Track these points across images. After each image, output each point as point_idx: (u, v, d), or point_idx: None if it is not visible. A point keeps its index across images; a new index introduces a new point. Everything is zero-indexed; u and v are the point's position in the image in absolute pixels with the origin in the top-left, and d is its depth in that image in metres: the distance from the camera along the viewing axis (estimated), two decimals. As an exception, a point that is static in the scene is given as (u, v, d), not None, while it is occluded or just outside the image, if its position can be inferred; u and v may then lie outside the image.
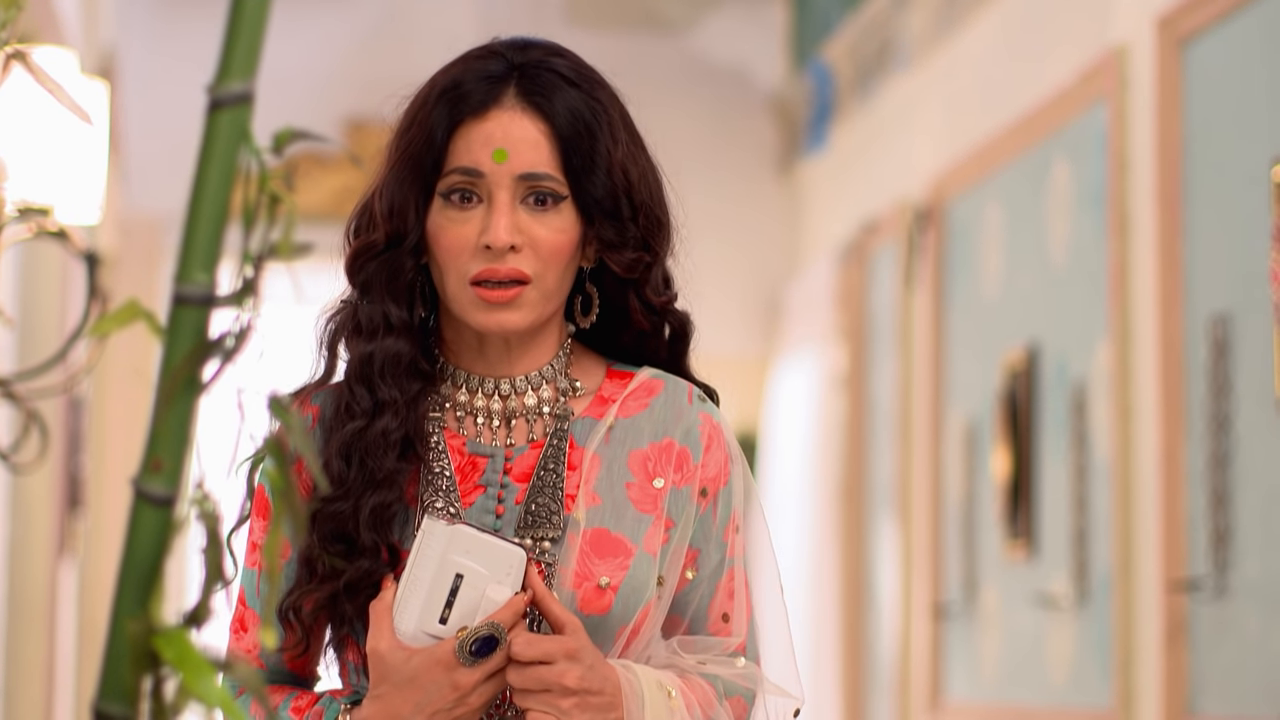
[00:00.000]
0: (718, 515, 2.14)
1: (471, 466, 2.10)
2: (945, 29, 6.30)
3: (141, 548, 1.13)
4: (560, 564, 2.05)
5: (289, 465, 1.14)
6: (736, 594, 2.15)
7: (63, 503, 5.52)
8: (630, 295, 2.14)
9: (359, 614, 2.03)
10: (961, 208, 6.08)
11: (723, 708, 2.10)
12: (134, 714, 1.12)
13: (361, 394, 2.08)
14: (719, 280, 8.17)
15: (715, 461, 2.14)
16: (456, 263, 2.06)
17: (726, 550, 2.14)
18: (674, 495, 2.11)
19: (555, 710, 1.98)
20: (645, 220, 2.12)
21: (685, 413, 2.14)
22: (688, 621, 2.14)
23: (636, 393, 2.14)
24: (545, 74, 2.09)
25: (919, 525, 6.32)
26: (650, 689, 2.03)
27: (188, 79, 4.25)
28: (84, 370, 3.91)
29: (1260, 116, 4.07)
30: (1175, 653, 4.33)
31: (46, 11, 4.40)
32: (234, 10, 1.14)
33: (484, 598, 1.99)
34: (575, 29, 7.94)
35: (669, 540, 2.09)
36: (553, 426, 2.11)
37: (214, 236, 1.14)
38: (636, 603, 2.06)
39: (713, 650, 2.13)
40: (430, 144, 2.07)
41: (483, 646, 1.98)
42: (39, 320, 4.91)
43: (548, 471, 2.08)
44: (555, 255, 2.06)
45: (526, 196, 2.06)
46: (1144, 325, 4.58)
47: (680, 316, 2.20)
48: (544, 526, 2.06)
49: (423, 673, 1.98)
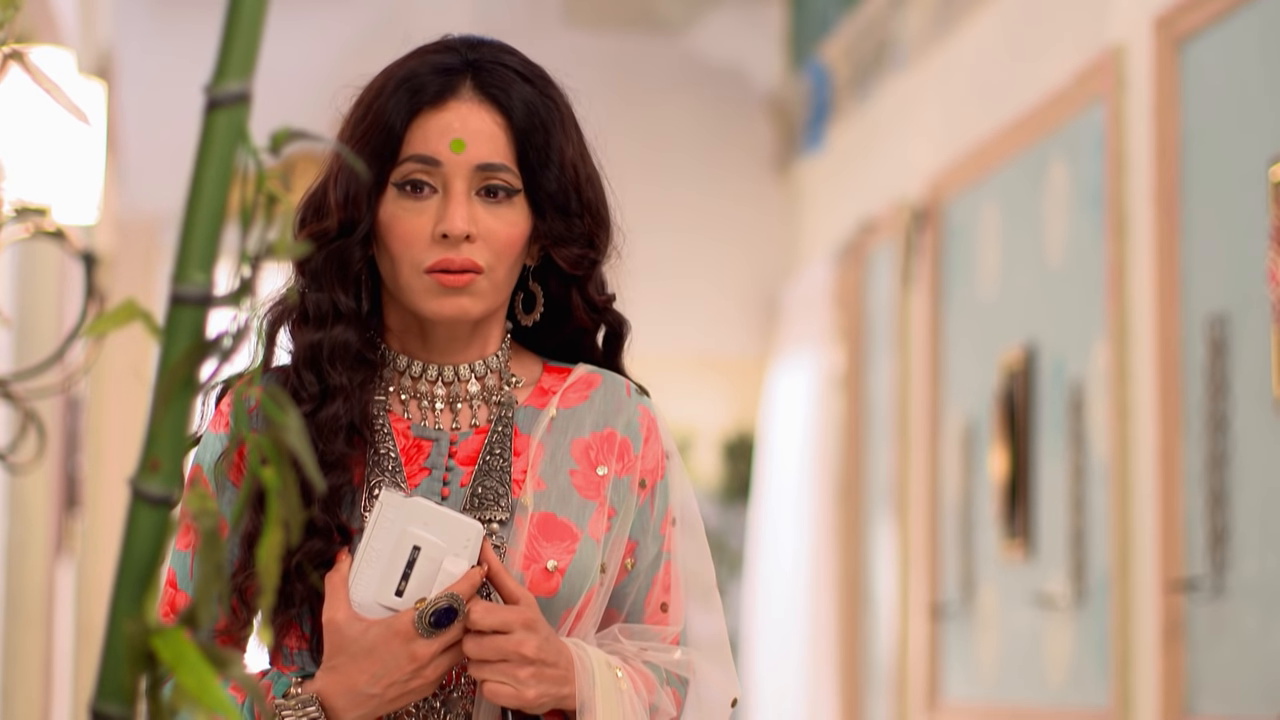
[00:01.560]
0: (655, 508, 2.16)
1: (417, 449, 2.11)
2: (943, 29, 6.30)
3: (139, 547, 1.13)
4: (509, 546, 2.07)
5: (287, 465, 1.14)
6: (673, 586, 2.17)
7: (60, 502, 5.51)
8: (573, 292, 2.16)
9: (309, 596, 2.03)
10: (959, 208, 6.08)
11: (664, 694, 2.12)
12: (131, 714, 1.12)
13: (310, 380, 2.08)
14: (716, 280, 8.17)
15: (653, 454, 2.17)
16: (410, 252, 2.07)
17: (663, 544, 2.17)
18: (616, 484, 2.13)
19: (512, 680, 1.99)
20: (591, 218, 2.14)
21: (625, 404, 2.17)
22: (625, 613, 2.16)
23: (576, 385, 2.17)
24: (499, 69, 2.11)
25: (917, 525, 6.32)
26: (600, 667, 2.05)
27: (185, 79, 4.25)
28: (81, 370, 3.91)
29: (1258, 116, 4.07)
30: (1173, 652, 4.33)
31: (44, 11, 4.40)
32: (231, 10, 1.14)
33: (441, 570, 2.00)
34: (573, 29, 7.94)
35: (611, 528, 2.12)
36: (496, 413, 2.13)
37: (211, 236, 1.14)
38: (582, 586, 2.08)
39: (652, 640, 2.15)
40: (387, 133, 2.08)
41: (442, 618, 1.99)
42: (36, 320, 4.91)
43: (494, 456, 2.10)
44: (508, 247, 2.09)
45: (480, 188, 2.08)
46: (1142, 325, 4.58)
47: (618, 315, 2.22)
48: (492, 509, 2.08)
49: (380, 644, 1.98)
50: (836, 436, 7.17)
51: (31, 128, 3.54)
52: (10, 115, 3.46)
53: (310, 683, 2.01)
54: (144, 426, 1.14)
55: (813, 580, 7.24)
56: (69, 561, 6.11)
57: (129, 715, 1.12)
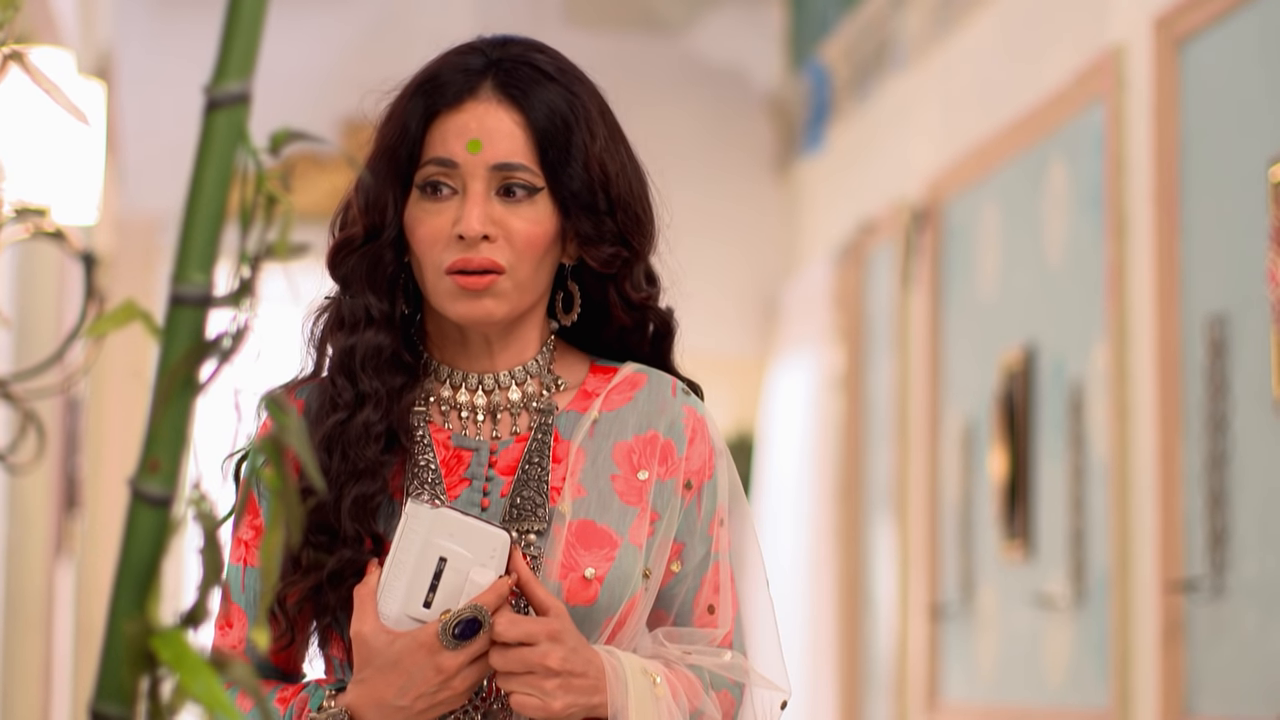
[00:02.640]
0: (702, 509, 2.14)
1: (456, 460, 2.10)
2: (942, 29, 6.30)
3: (139, 548, 1.13)
4: (546, 555, 2.05)
5: (286, 465, 1.14)
6: (722, 588, 2.15)
7: (60, 503, 5.51)
8: (610, 291, 2.14)
9: (342, 604, 2.03)
10: (959, 208, 6.08)
11: (709, 698, 2.10)
12: (131, 714, 1.12)
13: (344, 386, 2.08)
14: (716, 280, 8.17)
15: (699, 455, 2.14)
16: (432, 253, 2.07)
17: (711, 544, 2.15)
18: (659, 488, 2.11)
19: (538, 692, 1.98)
20: (623, 216, 2.12)
21: (669, 405, 2.15)
22: (673, 615, 2.14)
23: (620, 386, 2.15)
24: (523, 68, 2.10)
25: (916, 525, 6.32)
26: (634, 674, 2.03)
27: (185, 79, 4.24)
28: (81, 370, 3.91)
29: (1257, 116, 4.07)
30: (1172, 653, 4.33)
31: (43, 12, 4.40)
32: (231, 10, 1.14)
33: (468, 581, 1.99)
34: (573, 29, 7.94)
35: (654, 533, 2.10)
36: (537, 420, 2.12)
37: (211, 237, 1.14)
38: (622, 594, 2.06)
39: (698, 642, 2.13)
40: (405, 136, 2.08)
41: (466, 629, 1.98)
42: (36, 321, 4.91)
43: (532, 465, 2.09)
44: (529, 246, 2.07)
45: (500, 188, 2.07)
46: (1141, 325, 4.58)
47: (663, 313, 2.19)
48: (529, 519, 2.06)
49: (406, 656, 1.98)
50: (836, 437, 7.17)
51: (31, 128, 3.54)
52: (10, 116, 3.46)
53: (342, 696, 2.01)
54: (144, 427, 1.14)
55: (812, 580, 7.24)
56: (69, 562, 6.11)
57: (129, 716, 1.12)
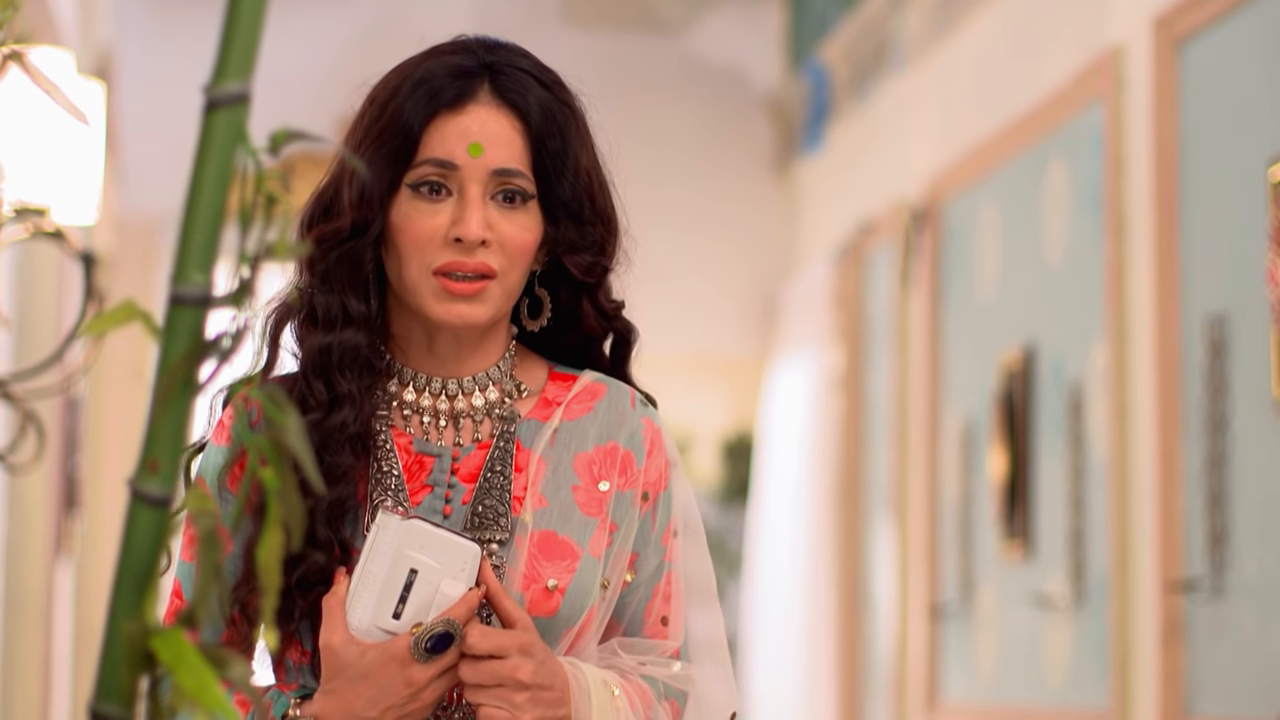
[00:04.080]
0: (657, 520, 2.15)
1: (419, 465, 2.10)
2: (942, 29, 6.30)
3: (138, 548, 1.13)
4: (509, 565, 2.05)
5: (286, 465, 1.14)
6: (674, 598, 2.16)
7: (59, 503, 5.51)
8: (584, 300, 2.15)
9: (310, 611, 2.02)
10: (958, 208, 6.08)
11: (661, 708, 2.11)
12: (130, 715, 1.12)
13: (319, 387, 2.07)
14: (716, 280, 8.17)
15: (656, 466, 2.15)
16: (421, 253, 2.05)
17: (664, 555, 2.15)
18: (618, 499, 2.12)
19: (508, 705, 1.98)
20: (604, 225, 2.13)
21: (629, 417, 2.15)
22: (624, 624, 2.14)
23: (580, 396, 2.15)
24: (517, 73, 2.10)
25: (916, 525, 6.32)
26: (596, 686, 2.03)
27: (184, 79, 4.24)
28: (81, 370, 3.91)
29: (1257, 116, 4.07)
30: (1172, 653, 4.33)
31: (43, 12, 4.40)
32: (230, 10, 1.14)
33: (438, 593, 1.99)
34: (572, 29, 7.94)
35: (612, 544, 2.10)
36: (499, 428, 2.11)
37: (210, 237, 1.13)
38: (583, 605, 2.07)
39: (651, 653, 2.14)
40: (405, 135, 2.07)
41: (438, 643, 1.98)
42: (35, 320, 4.91)
43: (495, 473, 2.09)
44: (521, 253, 2.07)
45: (496, 193, 2.07)
46: (1141, 326, 4.58)
47: (626, 323, 2.20)
48: (492, 528, 2.06)
49: (376, 668, 1.97)
50: (835, 437, 7.17)
51: (31, 128, 3.54)
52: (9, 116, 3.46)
53: (309, 704, 2.01)
54: (143, 427, 1.14)
55: (812, 581, 7.24)
56: (68, 562, 6.11)
57: (128, 716, 1.12)
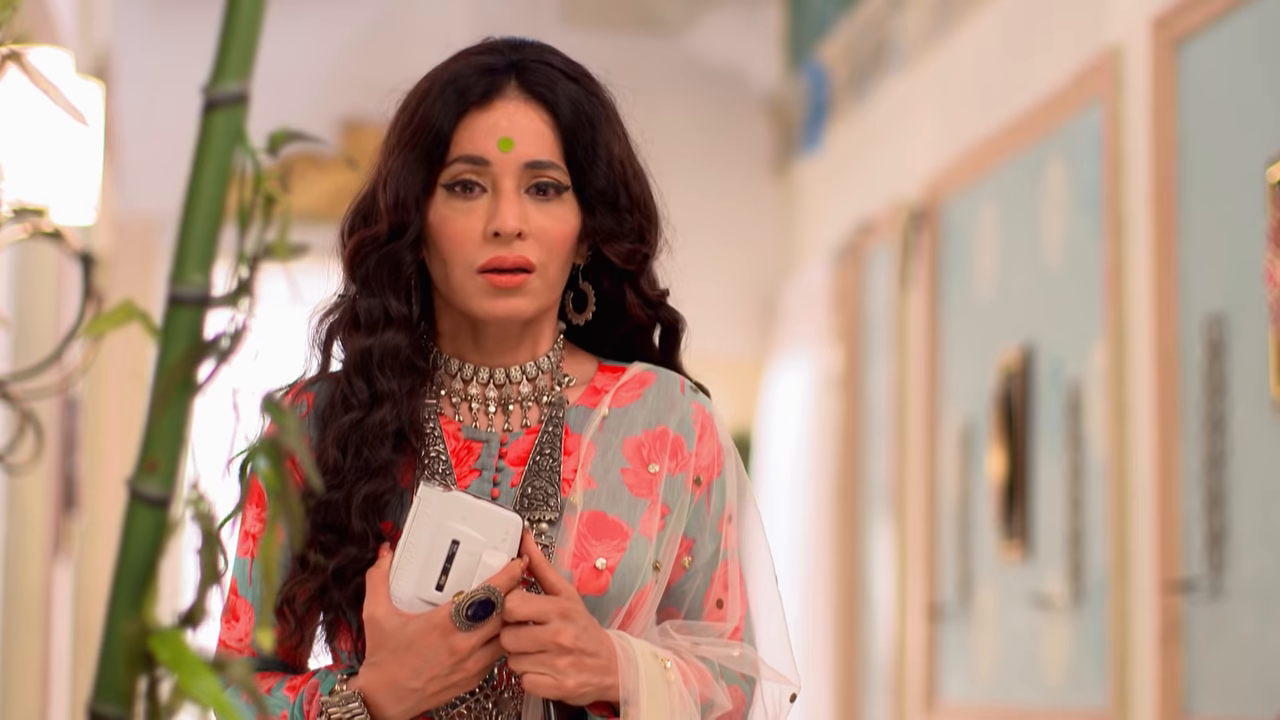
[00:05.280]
0: (712, 505, 2.15)
1: (467, 451, 2.11)
2: (941, 30, 6.30)
3: (136, 548, 1.13)
4: (558, 544, 2.06)
5: (284, 465, 1.14)
6: (731, 584, 2.16)
7: (58, 503, 5.51)
8: (627, 289, 2.17)
9: (349, 602, 2.04)
10: (957, 208, 6.08)
11: (720, 688, 2.11)
12: (129, 715, 1.12)
13: (360, 386, 2.09)
14: (714, 280, 8.17)
15: (709, 451, 2.16)
16: (462, 252, 2.07)
17: (721, 541, 2.16)
18: (669, 482, 2.12)
19: (551, 670, 1.98)
20: (641, 213, 2.15)
21: (678, 402, 2.16)
22: (683, 611, 2.14)
23: (629, 384, 2.16)
24: (544, 68, 2.12)
25: (914, 526, 6.32)
26: (645, 658, 2.03)
27: (183, 79, 4.25)
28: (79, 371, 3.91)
29: (1255, 117, 4.07)
30: (1170, 653, 4.34)
31: (42, 12, 4.40)
32: (229, 11, 1.14)
33: (480, 563, 1.99)
34: (571, 29, 7.94)
35: (665, 526, 2.11)
36: (548, 414, 2.13)
37: (209, 237, 1.14)
38: (632, 584, 2.07)
39: (707, 634, 2.13)
40: (435, 135, 2.09)
41: (479, 610, 1.98)
42: (34, 321, 4.90)
43: (544, 456, 2.10)
44: (559, 244, 2.09)
45: (530, 186, 2.09)
46: (1139, 326, 4.58)
47: (673, 312, 2.22)
48: (541, 509, 2.07)
49: (419, 638, 1.98)
50: (834, 437, 7.17)
51: (29, 128, 3.54)
52: (8, 116, 3.46)
53: (354, 679, 2.02)
54: (142, 427, 1.14)
55: (810, 580, 7.24)
56: (67, 562, 6.10)
57: (127, 716, 1.12)
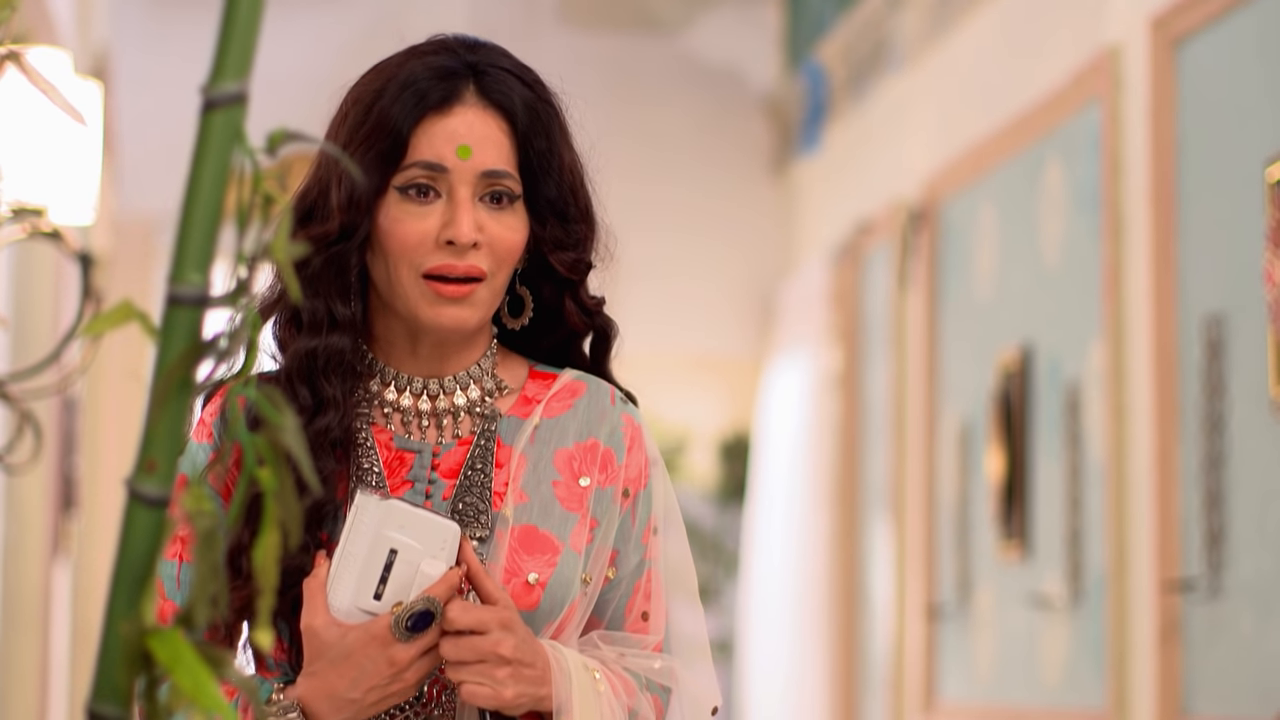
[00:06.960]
0: (637, 517, 2.15)
1: (399, 461, 2.10)
2: (939, 29, 6.30)
3: (135, 548, 1.13)
4: (490, 559, 2.05)
5: (283, 465, 1.14)
6: (654, 595, 2.16)
7: (56, 503, 5.51)
8: (567, 298, 2.16)
9: (286, 611, 2.02)
10: (955, 208, 6.08)
11: (644, 699, 2.11)
12: (128, 715, 1.12)
13: (304, 392, 2.07)
14: (713, 280, 8.17)
15: (636, 463, 2.15)
16: (411, 256, 2.06)
17: (645, 552, 2.16)
18: (598, 495, 2.12)
19: (490, 680, 1.97)
20: (586, 222, 2.14)
21: (609, 413, 2.15)
22: (606, 621, 2.15)
23: (560, 394, 2.16)
24: (501, 73, 2.10)
25: (913, 525, 6.32)
26: (578, 669, 2.03)
27: (182, 79, 4.24)
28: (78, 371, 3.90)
29: (1254, 117, 4.07)
30: (1169, 653, 4.34)
31: (40, 12, 4.40)
32: (228, 11, 1.14)
33: (418, 573, 1.98)
34: (569, 29, 7.94)
35: (593, 539, 2.11)
36: (480, 425, 2.12)
37: (208, 237, 1.13)
38: (563, 599, 2.07)
39: (632, 647, 2.14)
40: (394, 138, 2.07)
41: (418, 621, 1.97)
42: (33, 321, 4.90)
43: (475, 470, 2.09)
44: (510, 253, 2.08)
45: (484, 194, 2.08)
46: (1138, 325, 4.58)
47: (607, 319, 2.20)
48: (472, 525, 2.06)
49: (358, 649, 1.97)
50: (833, 437, 7.17)
51: (28, 129, 3.54)
52: (7, 116, 3.46)
53: (291, 689, 2.00)
54: (140, 427, 1.14)
55: (808, 581, 7.24)
56: (65, 562, 6.11)
57: (125, 716, 1.12)
